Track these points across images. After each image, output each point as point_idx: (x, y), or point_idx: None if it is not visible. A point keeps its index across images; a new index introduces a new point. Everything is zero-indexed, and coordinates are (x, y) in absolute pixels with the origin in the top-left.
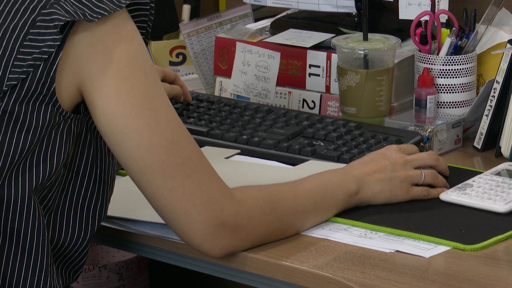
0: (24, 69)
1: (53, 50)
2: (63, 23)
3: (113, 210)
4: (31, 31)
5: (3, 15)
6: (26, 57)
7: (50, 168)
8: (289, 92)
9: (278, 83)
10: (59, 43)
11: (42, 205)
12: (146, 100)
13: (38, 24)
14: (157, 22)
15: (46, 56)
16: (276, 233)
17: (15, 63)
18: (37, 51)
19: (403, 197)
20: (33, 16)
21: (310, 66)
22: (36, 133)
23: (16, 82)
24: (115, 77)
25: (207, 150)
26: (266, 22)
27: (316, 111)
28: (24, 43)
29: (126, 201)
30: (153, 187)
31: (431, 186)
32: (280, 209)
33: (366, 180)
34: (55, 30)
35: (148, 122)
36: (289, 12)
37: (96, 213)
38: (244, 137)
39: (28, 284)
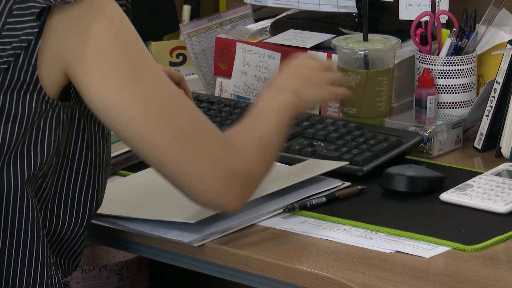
0: (5, 59)
1: (32, 37)
2: (39, 10)
3: (112, 209)
4: (8, 20)
5: None
6: (6, 47)
7: (41, 157)
8: None
9: None
10: (37, 30)
11: (38, 195)
12: (134, 72)
13: (14, 13)
14: (158, 23)
15: (26, 44)
16: (269, 169)
17: None
18: (16, 39)
19: (331, 98)
20: (8, 5)
21: None
22: (23, 123)
23: None
24: (97, 54)
25: None
26: (267, 23)
27: (316, 111)
28: (3, 33)
29: (125, 200)
30: (158, 154)
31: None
32: (267, 146)
33: (299, 90)
34: (32, 18)
35: (138, 93)
36: (289, 12)
37: (93, 199)
38: None
39: (25, 276)
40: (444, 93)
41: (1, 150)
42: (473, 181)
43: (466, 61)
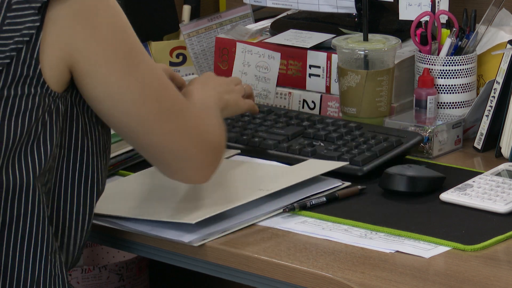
0: (7, 54)
1: (33, 31)
2: (40, 4)
3: (112, 209)
4: (8, 15)
5: None
6: (7, 41)
7: (45, 152)
8: (289, 93)
9: (278, 84)
10: (38, 23)
11: (50, 189)
12: (131, 58)
13: (13, 7)
14: (158, 23)
15: (28, 38)
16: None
17: None
18: (18, 34)
19: (243, 107)
20: (7, 0)
21: (310, 66)
22: (26, 117)
23: (1, 68)
24: (100, 43)
25: None
26: (266, 23)
27: (316, 111)
28: (3, 28)
29: (125, 200)
30: (152, 136)
31: None
32: (222, 122)
33: (220, 91)
34: (33, 11)
35: (137, 78)
36: (289, 12)
37: (94, 186)
38: (245, 137)
39: (30, 272)
40: (444, 93)
41: (7, 145)
42: (473, 181)
43: (466, 61)
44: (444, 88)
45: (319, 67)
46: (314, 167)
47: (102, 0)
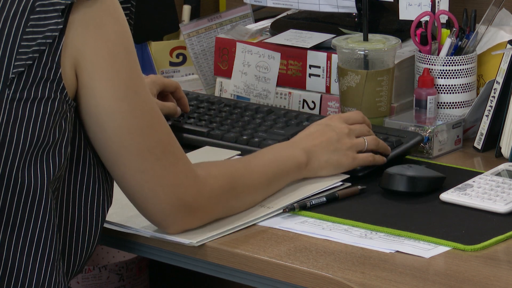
0: (30, 55)
1: (56, 33)
2: (63, 7)
3: (112, 216)
4: (31, 17)
5: (1, 3)
6: (30, 43)
7: (59, 158)
8: (289, 93)
9: (278, 84)
10: (61, 26)
11: (57, 198)
12: (131, 82)
13: (37, 9)
14: (158, 23)
15: (50, 41)
16: (232, 210)
17: (19, 50)
18: (41, 36)
19: (349, 165)
20: (31, 2)
21: (310, 66)
22: (44, 121)
23: (23, 69)
24: (105, 58)
25: (207, 151)
26: (266, 23)
27: (316, 111)
28: (26, 29)
29: (126, 208)
30: (126, 169)
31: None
32: (237, 187)
33: (314, 152)
34: (57, 14)
35: (131, 104)
36: (289, 12)
37: (96, 198)
38: (245, 137)
39: (35, 277)
40: (444, 93)
41: (23, 147)
42: (473, 181)
43: (466, 61)
44: (444, 88)
45: (319, 67)
46: (314, 183)
47: (117, 16)
